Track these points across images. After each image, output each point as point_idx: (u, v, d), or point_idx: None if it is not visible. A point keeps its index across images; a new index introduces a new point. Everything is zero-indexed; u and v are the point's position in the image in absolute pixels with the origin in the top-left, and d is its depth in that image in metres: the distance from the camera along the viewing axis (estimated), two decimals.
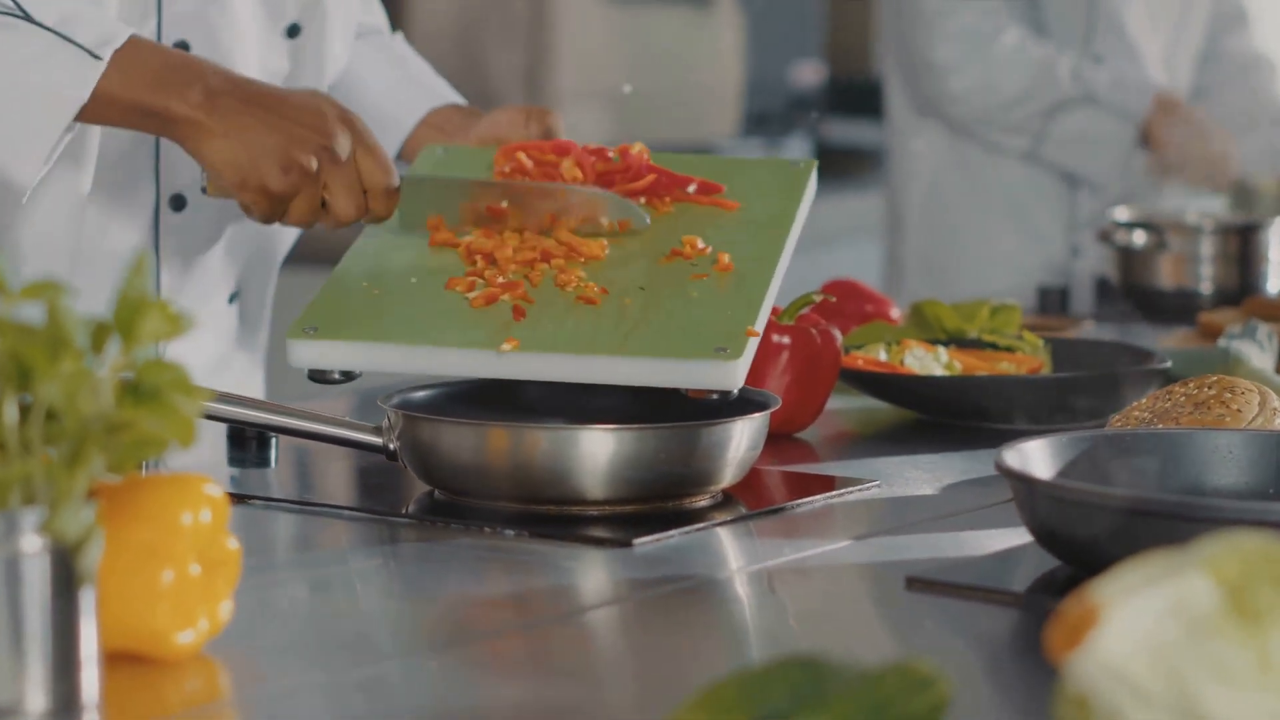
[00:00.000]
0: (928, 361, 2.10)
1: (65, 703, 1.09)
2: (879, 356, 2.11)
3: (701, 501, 1.66)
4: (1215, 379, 1.75)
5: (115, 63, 1.75)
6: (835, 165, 6.19)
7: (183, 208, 2.02)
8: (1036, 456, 1.47)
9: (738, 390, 1.66)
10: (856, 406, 2.15)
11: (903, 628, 1.39)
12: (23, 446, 1.08)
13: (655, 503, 1.62)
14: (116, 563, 1.17)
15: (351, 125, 1.79)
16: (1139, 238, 3.05)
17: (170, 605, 1.19)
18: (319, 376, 1.72)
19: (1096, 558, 1.33)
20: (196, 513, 1.21)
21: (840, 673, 1.01)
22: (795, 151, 5.88)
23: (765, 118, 6.04)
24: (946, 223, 3.77)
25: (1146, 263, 3.05)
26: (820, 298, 2.03)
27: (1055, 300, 2.98)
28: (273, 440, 1.84)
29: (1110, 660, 0.94)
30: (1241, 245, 3.05)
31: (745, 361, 1.66)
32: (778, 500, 1.72)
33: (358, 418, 1.74)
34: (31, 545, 1.07)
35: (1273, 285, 3.02)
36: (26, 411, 1.08)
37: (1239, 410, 1.70)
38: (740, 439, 1.64)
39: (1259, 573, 0.94)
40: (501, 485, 1.60)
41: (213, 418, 1.68)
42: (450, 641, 1.33)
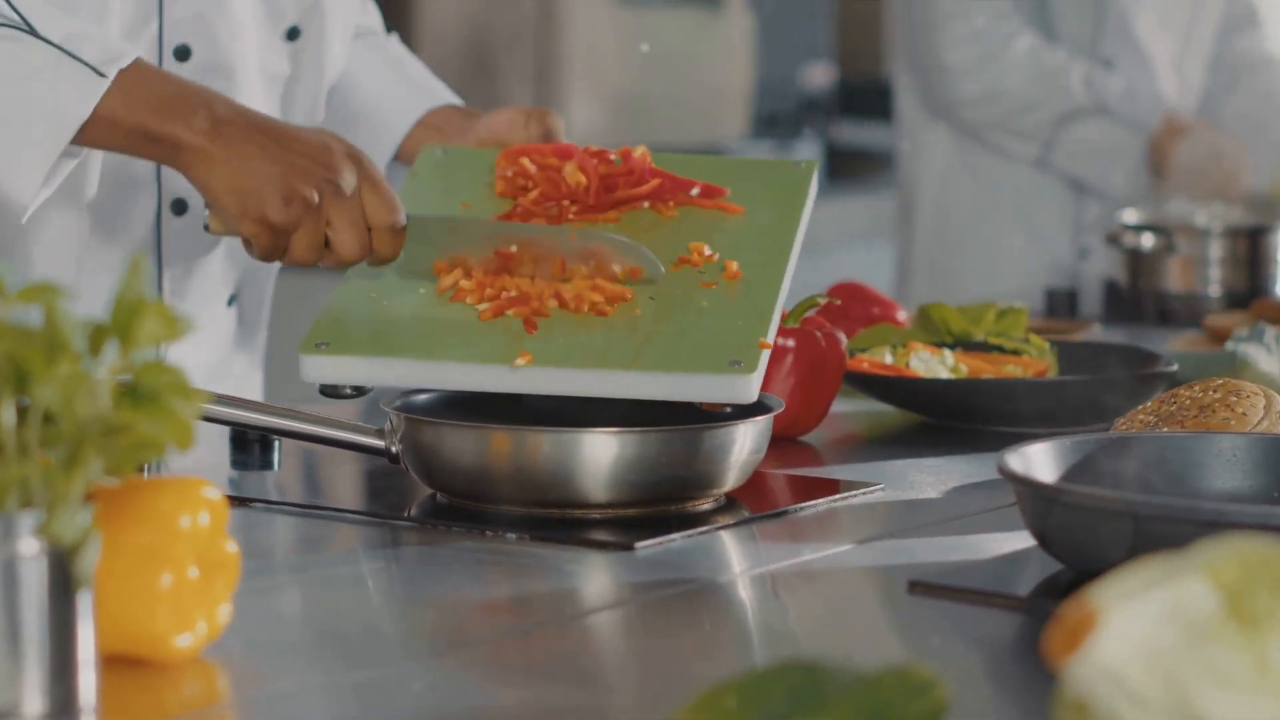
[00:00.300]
0: (933, 364, 2.09)
1: (63, 706, 1.08)
2: (884, 359, 2.11)
3: (704, 505, 1.65)
4: (1221, 382, 1.75)
5: (120, 83, 1.73)
6: (846, 167, 6.20)
7: (184, 212, 2.01)
8: (1039, 460, 1.47)
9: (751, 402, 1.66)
10: (862, 409, 2.15)
11: (906, 632, 1.39)
12: (20, 449, 1.08)
13: (658, 506, 1.62)
14: (115, 566, 1.17)
15: (358, 162, 1.75)
16: (1147, 240, 3.05)
17: (168, 608, 1.19)
18: (331, 391, 1.71)
19: (1099, 562, 1.32)
20: (195, 515, 1.20)
21: (838, 677, 1.01)
22: (805, 153, 5.87)
23: (775, 119, 6.03)
24: (955, 225, 3.76)
25: (1155, 266, 3.04)
26: (825, 300, 2.03)
27: (1063, 303, 2.97)
28: (276, 443, 1.84)
29: (1108, 664, 0.93)
30: (1250, 248, 3.05)
31: (759, 374, 1.66)
32: (781, 503, 1.71)
33: (364, 421, 1.74)
34: (29, 548, 1.07)
35: None
36: (24, 414, 1.08)
37: (1244, 414, 1.69)
38: (743, 442, 1.63)
39: (1258, 577, 0.93)
40: (504, 488, 1.60)
41: (216, 420, 1.67)
42: (451, 645, 1.33)
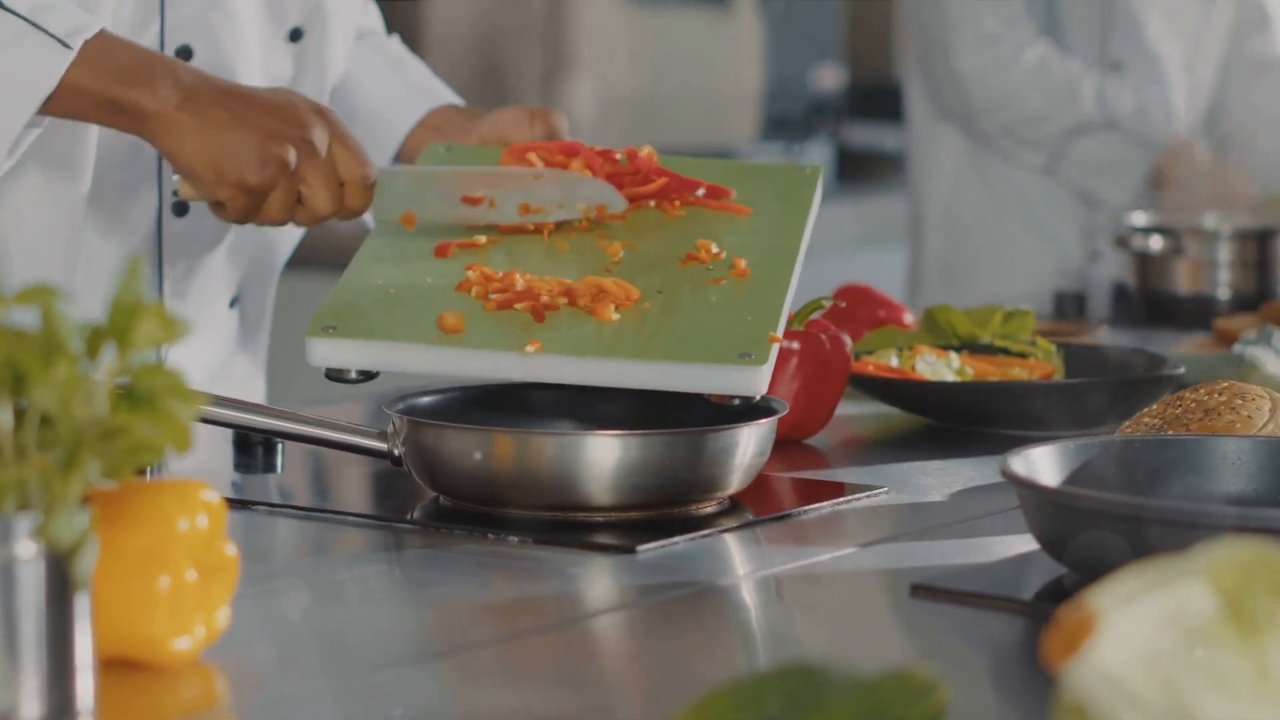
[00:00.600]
0: (939, 367, 2.09)
1: (60, 710, 1.08)
2: (890, 362, 2.10)
3: (708, 508, 1.65)
4: (1226, 385, 1.74)
5: (85, 53, 1.74)
6: (856, 169, 6.19)
7: (185, 213, 2.01)
8: (1042, 463, 1.46)
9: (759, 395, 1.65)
10: (867, 412, 2.15)
11: (909, 635, 1.38)
12: (18, 452, 1.07)
13: (661, 509, 1.62)
14: (112, 569, 1.16)
15: (326, 118, 1.78)
16: (1156, 243, 3.05)
17: (167, 611, 1.19)
18: (336, 376, 1.69)
19: (1101, 565, 1.32)
20: (193, 518, 1.20)
21: (837, 680, 1.01)
22: (815, 155, 5.87)
23: (785, 121, 6.03)
24: (965, 227, 3.76)
25: (1163, 268, 3.04)
26: (831, 303, 2.03)
27: (1072, 305, 2.97)
28: (279, 446, 1.84)
29: (1107, 668, 0.93)
30: (1259, 251, 3.04)
31: (769, 367, 1.66)
32: (785, 506, 1.71)
33: (367, 424, 1.73)
34: (26, 551, 1.07)
35: None
36: (21, 416, 1.07)
37: (1249, 416, 1.68)
38: (747, 445, 1.63)
39: (1257, 581, 0.93)
40: (507, 491, 1.60)
41: (218, 423, 1.67)
42: (454, 648, 1.33)
